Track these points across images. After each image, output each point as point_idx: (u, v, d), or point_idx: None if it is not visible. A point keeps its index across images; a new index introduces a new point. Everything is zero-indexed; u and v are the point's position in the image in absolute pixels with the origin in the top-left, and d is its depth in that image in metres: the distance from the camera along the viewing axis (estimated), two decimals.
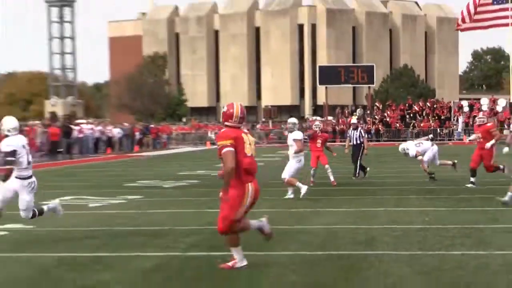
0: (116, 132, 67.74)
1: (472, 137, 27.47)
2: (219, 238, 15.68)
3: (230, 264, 11.75)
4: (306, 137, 28.15)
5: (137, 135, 70.39)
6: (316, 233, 16.19)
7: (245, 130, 12.26)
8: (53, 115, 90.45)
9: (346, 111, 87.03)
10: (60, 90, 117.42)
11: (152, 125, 77.43)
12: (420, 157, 28.37)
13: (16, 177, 15.61)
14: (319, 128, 30.33)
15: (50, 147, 55.09)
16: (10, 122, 16.26)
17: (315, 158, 28.55)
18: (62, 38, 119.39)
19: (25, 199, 15.52)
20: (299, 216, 19.24)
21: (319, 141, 28.88)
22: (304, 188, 23.56)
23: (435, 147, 29.11)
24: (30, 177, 15.91)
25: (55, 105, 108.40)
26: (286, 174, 24.14)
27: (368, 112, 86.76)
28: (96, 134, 64.22)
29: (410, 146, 28.98)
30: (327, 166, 28.38)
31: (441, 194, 23.03)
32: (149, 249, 14.62)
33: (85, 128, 64.65)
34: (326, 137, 31.11)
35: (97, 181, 32.19)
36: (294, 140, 24.54)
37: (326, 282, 11.16)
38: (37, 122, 68.73)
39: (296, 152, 24.51)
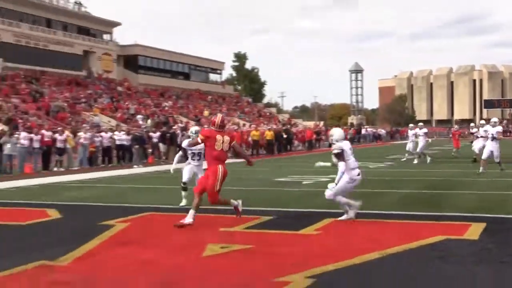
0: (382, 132, 66.76)
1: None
2: (427, 183, 14.98)
3: (182, 221, 8.91)
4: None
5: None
6: None
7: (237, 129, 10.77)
8: (352, 124, 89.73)
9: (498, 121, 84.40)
10: (355, 112, 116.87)
11: (399, 128, 75.95)
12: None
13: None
14: (456, 129, 30.84)
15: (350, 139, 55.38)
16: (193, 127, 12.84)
17: (456, 143, 28.22)
18: (356, 87, 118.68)
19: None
20: None
21: (456, 135, 28.81)
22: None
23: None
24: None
25: (352, 120, 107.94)
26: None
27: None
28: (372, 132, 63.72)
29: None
30: (458, 149, 27.77)
31: None
32: (401, 188, 14.12)
33: (368, 130, 64.16)
34: (459, 132, 30.15)
35: (371, 154, 31.69)
36: (424, 133, 24.59)
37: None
38: (345, 127, 69.39)
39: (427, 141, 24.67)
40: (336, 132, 9.75)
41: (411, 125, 27.02)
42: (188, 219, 8.90)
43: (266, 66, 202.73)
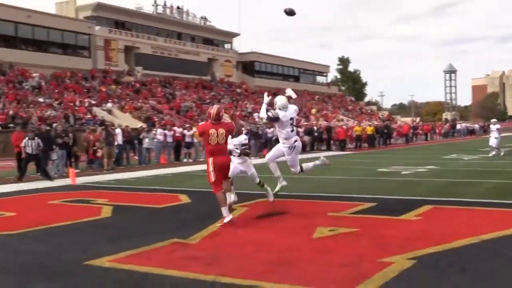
0: (476, 126, 63.36)
1: None
2: None
3: (223, 222, 7.87)
4: None
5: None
6: None
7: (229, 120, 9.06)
8: (446, 120, 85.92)
9: None
10: (449, 109, 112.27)
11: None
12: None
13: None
14: None
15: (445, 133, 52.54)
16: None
17: None
18: (450, 86, 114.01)
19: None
20: None
21: None
22: None
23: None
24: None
25: (447, 116, 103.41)
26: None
27: None
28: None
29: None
30: None
31: None
32: (493, 178, 13.29)
33: (462, 125, 61.06)
34: None
35: (466, 147, 30.12)
36: (497, 128, 22.85)
37: None
38: (440, 122, 66.02)
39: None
40: (279, 100, 8.77)
41: (492, 120, 25.49)
42: (228, 217, 7.97)
43: (367, 69, 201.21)
